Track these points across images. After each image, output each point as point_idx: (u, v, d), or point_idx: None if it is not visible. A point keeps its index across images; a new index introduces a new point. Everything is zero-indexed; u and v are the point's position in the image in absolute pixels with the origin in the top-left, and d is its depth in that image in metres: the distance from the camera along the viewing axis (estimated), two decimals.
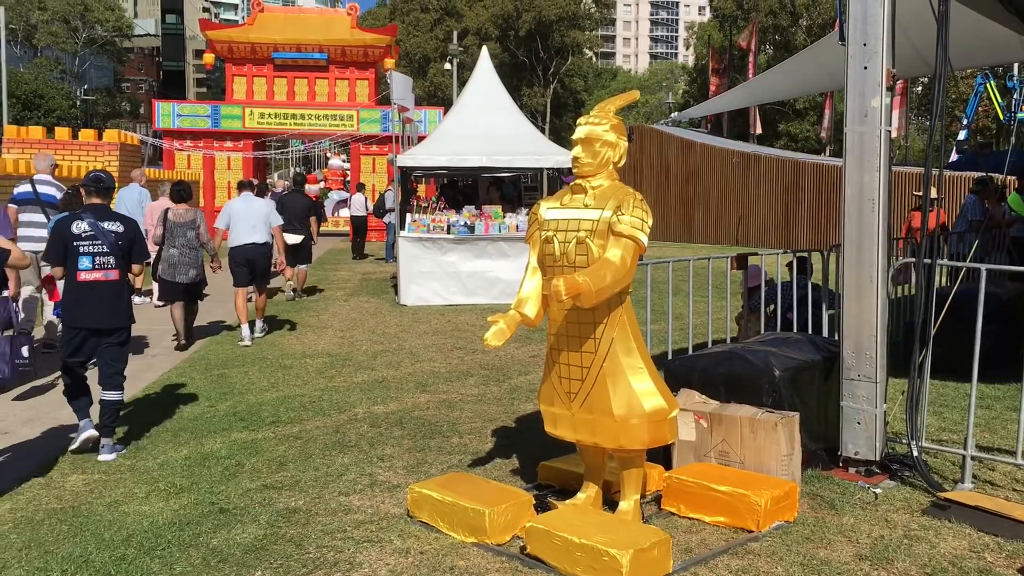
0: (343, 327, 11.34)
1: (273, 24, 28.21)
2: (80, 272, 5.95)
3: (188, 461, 5.80)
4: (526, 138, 14.33)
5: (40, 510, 4.93)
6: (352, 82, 28.29)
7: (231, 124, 27.48)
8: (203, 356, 9.38)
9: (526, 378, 8.36)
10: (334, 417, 6.95)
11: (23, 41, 60.03)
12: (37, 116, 47.24)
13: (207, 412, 7.07)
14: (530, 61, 64.89)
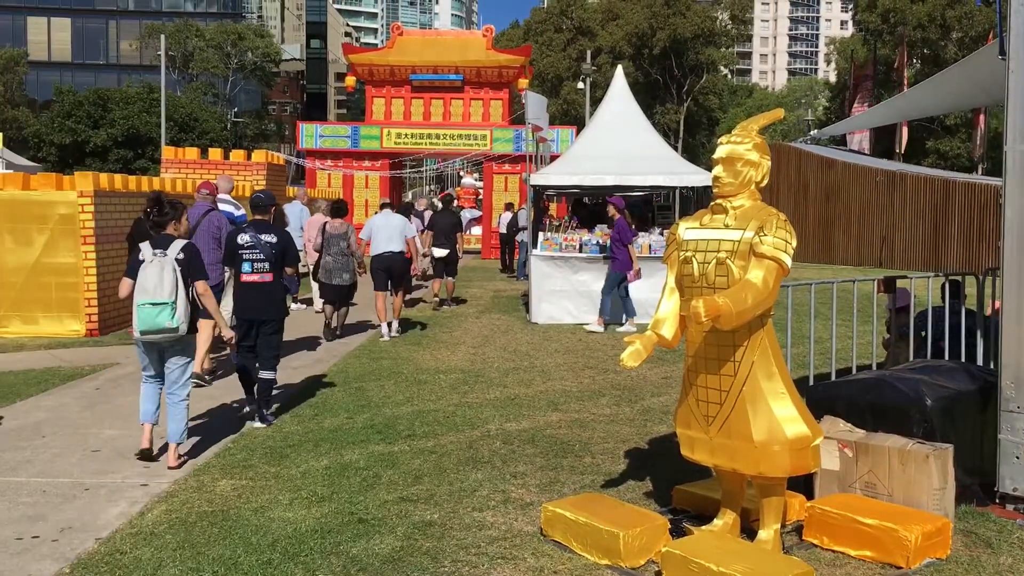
0: (475, 344, 11.48)
1: (411, 47, 29.00)
2: (243, 275, 7.23)
3: (328, 471, 5.98)
4: (659, 157, 14.21)
5: (192, 512, 5.17)
6: (486, 102, 28.74)
7: (370, 144, 28.35)
8: (342, 369, 9.67)
9: (659, 399, 8.26)
10: (467, 433, 7.03)
11: (181, 67, 63.71)
12: (192, 138, 49.97)
13: (346, 424, 7.28)
14: (663, 79, 64.39)
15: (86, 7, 71.66)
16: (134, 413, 7.48)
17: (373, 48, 48.88)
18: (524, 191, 22.99)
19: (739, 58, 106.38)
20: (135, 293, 5.94)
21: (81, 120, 50.59)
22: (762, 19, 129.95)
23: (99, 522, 5.02)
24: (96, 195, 11.64)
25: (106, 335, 11.57)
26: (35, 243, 11.54)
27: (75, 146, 50.44)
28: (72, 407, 7.75)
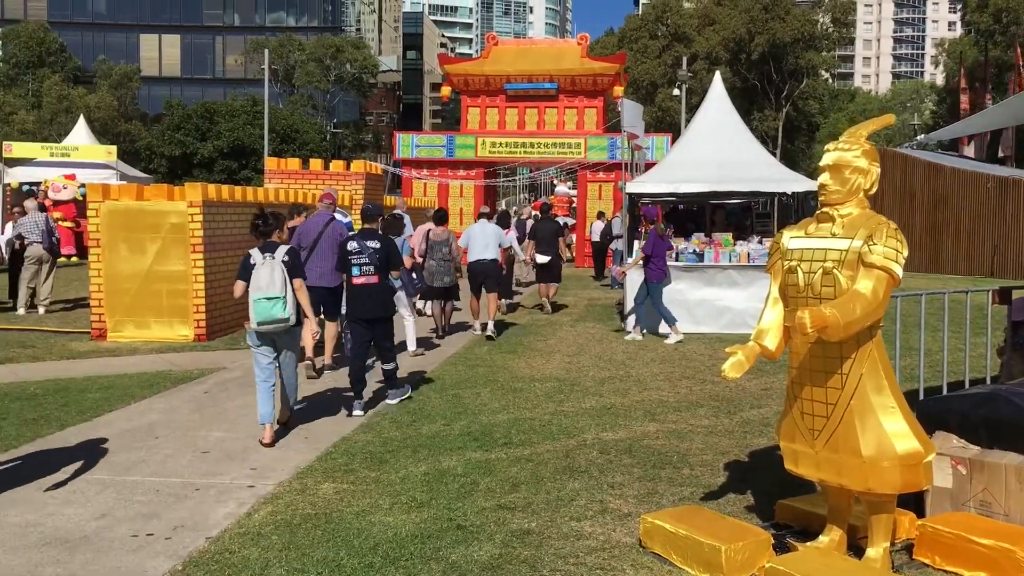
0: (570, 352, 11.46)
1: (506, 57, 29.20)
2: (353, 278, 8.04)
3: (427, 477, 6.05)
4: (758, 163, 13.96)
5: (297, 514, 5.30)
6: (580, 110, 28.72)
7: (465, 153, 28.65)
8: (439, 377, 9.77)
9: (759, 411, 8.10)
10: (563, 442, 7.03)
11: (283, 80, 65.57)
12: (293, 149, 51.38)
13: (443, 430, 7.35)
14: (761, 84, 63.25)
15: (195, 24, 74.52)
16: (241, 416, 7.75)
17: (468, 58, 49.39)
18: (619, 199, 22.89)
19: (840, 61, 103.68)
20: (250, 291, 6.91)
21: (189, 132, 52.59)
22: (865, 21, 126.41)
23: (209, 522, 5.19)
24: (204, 205, 12.05)
25: (213, 340, 11.95)
26: (148, 251, 12.00)
27: (183, 157, 52.44)
28: (182, 410, 8.04)
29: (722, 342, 12.04)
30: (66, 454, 6.51)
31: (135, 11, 73.70)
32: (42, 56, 61.03)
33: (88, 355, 10.84)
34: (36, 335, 12.24)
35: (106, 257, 12.02)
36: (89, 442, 6.85)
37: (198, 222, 11.96)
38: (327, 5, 77.27)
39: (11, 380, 9.16)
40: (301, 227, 9.99)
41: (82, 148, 30.01)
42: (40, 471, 6.09)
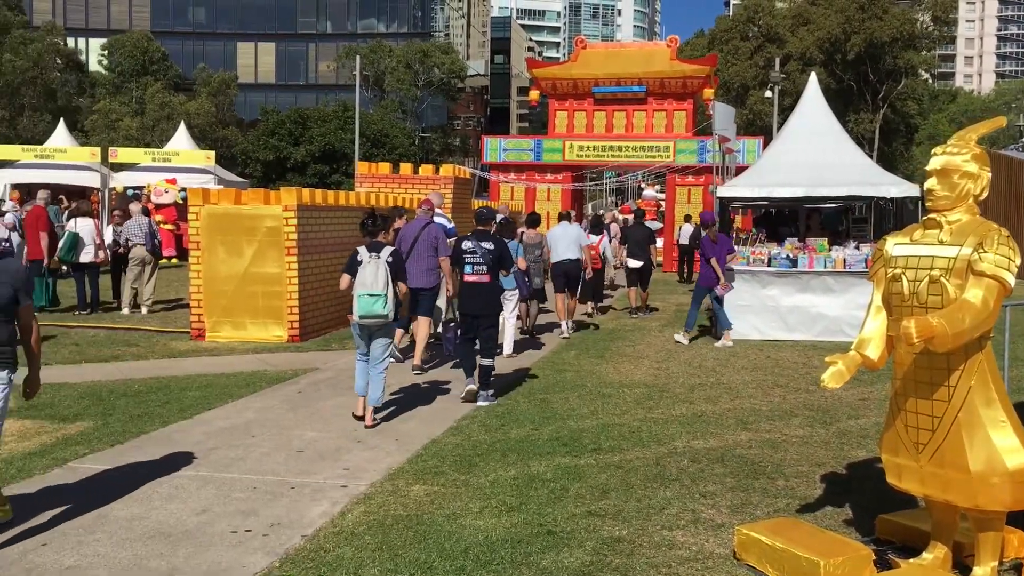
0: (659, 358, 11.34)
1: (595, 59, 29.11)
2: (465, 275, 8.62)
3: (516, 481, 6.06)
4: (854, 166, 13.60)
5: (389, 515, 5.37)
6: (670, 113, 28.44)
7: (552, 157, 28.66)
8: (527, 381, 9.78)
9: (856, 422, 7.87)
10: (654, 449, 6.95)
11: (373, 85, 66.68)
12: (383, 153, 52.16)
13: (532, 435, 7.35)
14: (858, 85, 61.57)
15: (289, 32, 76.39)
16: (333, 417, 7.90)
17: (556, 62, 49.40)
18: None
19: (941, 61, 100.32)
20: (355, 286, 7.45)
21: (283, 138, 53.91)
22: (967, 19, 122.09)
23: (304, 520, 5.29)
24: (299, 209, 12.32)
25: (306, 341, 12.21)
26: (244, 254, 12.34)
27: (277, 162, 53.78)
28: (277, 409, 8.23)
29: (816, 350, 11.77)
30: (169, 450, 6.73)
31: (233, 20, 75.92)
32: (145, 65, 63.32)
33: (188, 354, 11.19)
34: (139, 334, 12.69)
35: (205, 259, 12.39)
36: (190, 439, 7.07)
37: (292, 225, 12.23)
38: (416, 11, 78.30)
39: (117, 377, 9.52)
40: (401, 230, 10.46)
41: (182, 153, 31.01)
42: (145, 466, 6.31)
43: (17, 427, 7.30)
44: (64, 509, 5.39)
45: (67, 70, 60.11)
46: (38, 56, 53.83)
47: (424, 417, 7.99)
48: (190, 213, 12.62)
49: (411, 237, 10.29)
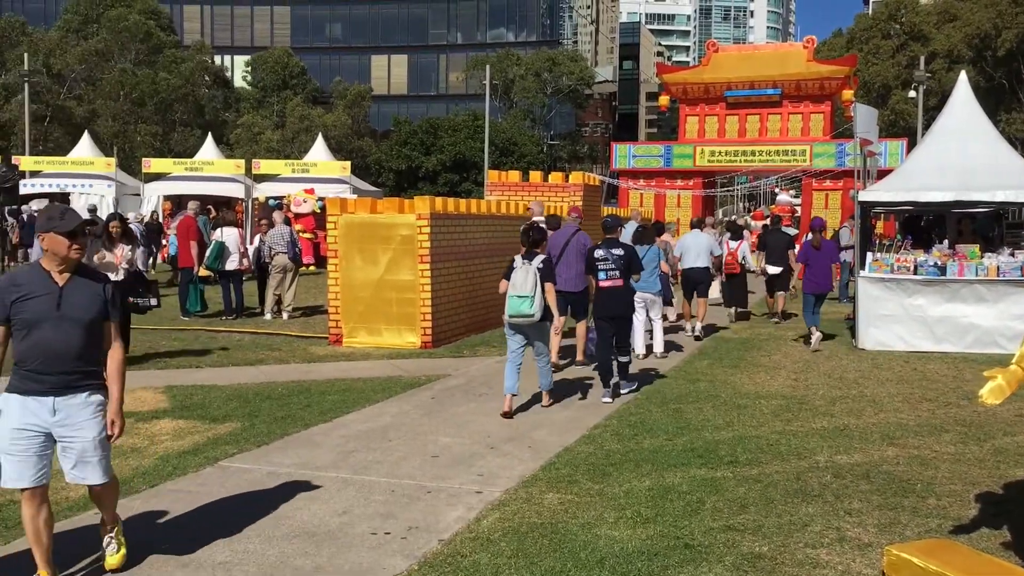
0: (796, 369, 11.00)
1: (727, 63, 28.58)
2: (600, 281, 9.26)
3: (651, 492, 5.98)
4: (1009, 170, 12.83)
5: (524, 523, 5.38)
6: (806, 116, 27.64)
7: (682, 163, 28.29)
8: (658, 390, 9.65)
9: (1013, 439, 7.42)
10: (794, 463, 6.73)
11: (502, 94, 67.47)
12: (511, 161, 52.74)
13: (666, 445, 7.24)
14: (1010, 83, 58.26)
15: (421, 43, 78.20)
16: (466, 423, 7.99)
17: (686, 66, 48.67)
18: (848, 208, 21.79)
19: None
20: (508, 289, 8.35)
21: (415, 147, 55.20)
22: None
23: (440, 524, 5.37)
24: (432, 218, 12.55)
25: (438, 348, 12.41)
26: (380, 262, 12.65)
27: (409, 171, 55.09)
28: (412, 414, 8.39)
29: (967, 362, 11.18)
30: (311, 452, 6.95)
31: (368, 35, 78.31)
32: (286, 79, 65.99)
33: (326, 359, 11.54)
34: (281, 339, 13.18)
35: (343, 267, 12.77)
36: (330, 441, 7.29)
37: (426, 234, 12.46)
38: (545, 19, 78.83)
39: (261, 380, 9.91)
40: (551, 238, 10.91)
41: (320, 164, 32.14)
42: (289, 467, 6.53)
43: (172, 426, 7.69)
44: (216, 506, 5.63)
45: (214, 86, 63.25)
46: (189, 74, 56.90)
47: (556, 425, 7.99)
48: (328, 222, 13.03)
49: (560, 244, 10.88)
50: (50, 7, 69.90)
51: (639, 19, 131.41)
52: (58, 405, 4.31)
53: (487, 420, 8.16)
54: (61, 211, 4.34)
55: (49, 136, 50.91)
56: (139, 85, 53.58)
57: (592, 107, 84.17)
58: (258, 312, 15.91)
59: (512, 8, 78.06)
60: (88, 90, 54.19)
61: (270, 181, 31.78)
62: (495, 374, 10.52)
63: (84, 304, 4.35)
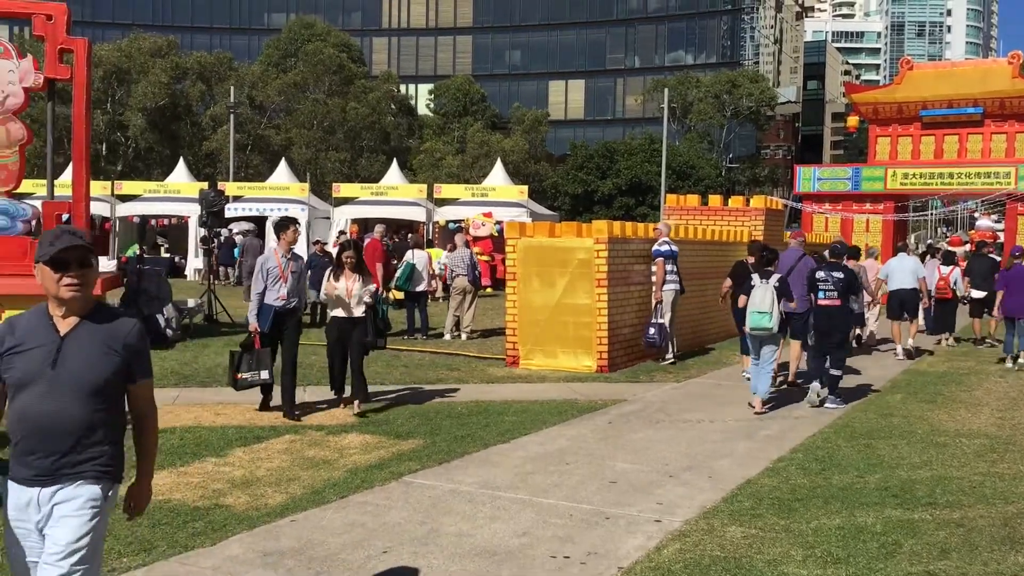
0: (1001, 406, 10.24)
1: (922, 81, 27.15)
2: (819, 300, 10.19)
3: (842, 531, 5.69)
4: None
5: (705, 555, 5.24)
6: (1011, 136, 25.83)
7: (872, 186, 27.02)
8: (847, 424, 9.21)
9: None
10: (1000, 508, 6.25)
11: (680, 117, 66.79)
12: (688, 185, 52.02)
13: (856, 483, 6.89)
14: None
15: (598, 68, 78.70)
16: (644, 449, 7.90)
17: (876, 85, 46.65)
18: None
19: None
20: (748, 305, 9.51)
21: (591, 171, 55.46)
22: None
23: (620, 551, 5.31)
24: (610, 242, 12.53)
25: (614, 372, 12.34)
26: (557, 285, 12.73)
27: (585, 195, 55.38)
28: (589, 438, 8.36)
29: None
30: (490, 471, 7.05)
31: (546, 61, 79.60)
32: (467, 106, 67.95)
33: (503, 380, 11.71)
34: (460, 359, 13.49)
35: (521, 290, 12.94)
36: (509, 462, 7.37)
37: (603, 258, 12.45)
38: (725, 40, 77.58)
39: (441, 400, 10.17)
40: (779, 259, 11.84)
41: (498, 188, 32.81)
42: (469, 485, 6.65)
43: (360, 441, 8.00)
44: (401, 521, 5.80)
45: (399, 114, 65.91)
46: (376, 103, 59.56)
47: (738, 456, 7.77)
48: (507, 245, 13.25)
49: (788, 267, 11.49)
50: (254, 43, 75.04)
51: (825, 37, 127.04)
52: (42, 499, 3.15)
53: (665, 447, 8.03)
54: (55, 234, 3.22)
55: (250, 163, 54.54)
56: (330, 114, 56.55)
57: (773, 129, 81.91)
58: (438, 333, 16.33)
59: (691, 31, 77.33)
60: (285, 120, 57.72)
61: (450, 205, 32.72)
62: (672, 401, 10.38)
63: (90, 361, 3.18)
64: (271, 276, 8.84)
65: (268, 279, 8.83)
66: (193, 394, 10.03)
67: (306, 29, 65.84)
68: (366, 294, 9.10)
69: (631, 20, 78.33)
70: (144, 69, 53.03)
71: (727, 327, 17.26)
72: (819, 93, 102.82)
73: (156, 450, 3.56)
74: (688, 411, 9.73)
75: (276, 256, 8.95)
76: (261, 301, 8.84)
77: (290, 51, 63.19)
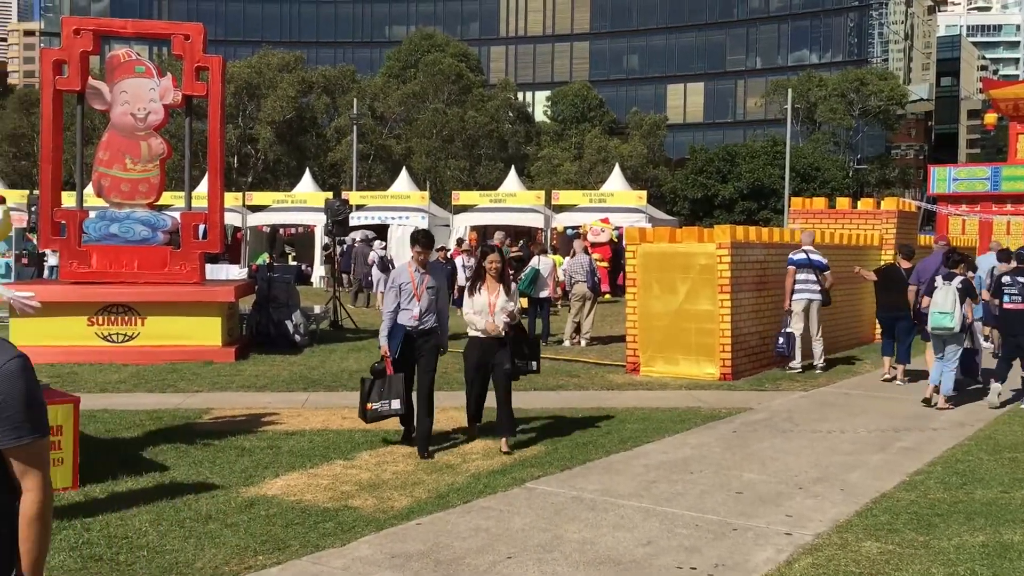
0: None
1: None
2: (1004, 304, 10.41)
3: (986, 549, 5.40)
4: None
5: (840, 571, 5.06)
6: None
7: (1013, 186, 25.65)
8: (990, 436, 8.75)
9: None
10: None
11: (804, 118, 64.92)
12: (813, 187, 50.46)
13: (1001, 498, 6.53)
14: None
15: (718, 70, 77.38)
16: (771, 460, 7.69)
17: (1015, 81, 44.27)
18: None
19: None
20: (931, 305, 10.09)
21: (711, 175, 54.53)
22: None
23: (748, 564, 5.17)
24: (733, 247, 12.27)
25: (737, 380, 12.07)
26: (678, 291, 12.54)
27: (705, 200, 54.48)
28: (713, 447, 8.20)
29: None
30: (612, 479, 6.99)
31: (664, 64, 78.78)
32: (584, 112, 67.89)
33: (624, 387, 11.61)
34: (579, 365, 13.45)
35: (641, 296, 12.81)
36: (631, 470, 7.29)
37: (726, 263, 12.20)
38: (852, 38, 75.04)
39: (561, 405, 10.15)
40: (919, 264, 12.11)
41: (616, 194, 32.61)
42: (592, 492, 6.61)
43: (482, 446, 8.06)
44: (525, 527, 5.81)
45: (517, 121, 66.36)
46: (494, 111, 60.18)
47: (871, 468, 7.47)
48: (627, 251, 13.15)
49: (931, 271, 11.35)
50: (375, 56, 77.04)
51: (959, 31, 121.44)
52: None
53: (793, 458, 7.79)
54: None
55: (372, 172, 55.94)
56: (449, 123, 57.44)
57: (904, 128, 78.75)
58: (557, 340, 16.34)
59: (816, 29, 75.11)
60: (405, 129, 58.96)
61: (568, 211, 32.71)
62: (799, 410, 10.09)
63: None
64: (404, 293, 7.85)
65: (401, 296, 7.86)
66: (320, 398, 10.32)
67: (426, 40, 67.19)
68: (509, 308, 7.87)
69: (752, 20, 76.69)
70: (273, 84, 55.14)
71: (857, 334, 16.68)
72: (953, 90, 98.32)
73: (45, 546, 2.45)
74: (817, 421, 9.43)
75: (409, 270, 7.91)
76: (393, 321, 7.85)
77: (410, 62, 64.55)
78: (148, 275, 13.43)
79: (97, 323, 12.95)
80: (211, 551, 5.23)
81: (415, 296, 7.81)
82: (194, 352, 12.84)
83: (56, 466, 6.28)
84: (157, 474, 6.85)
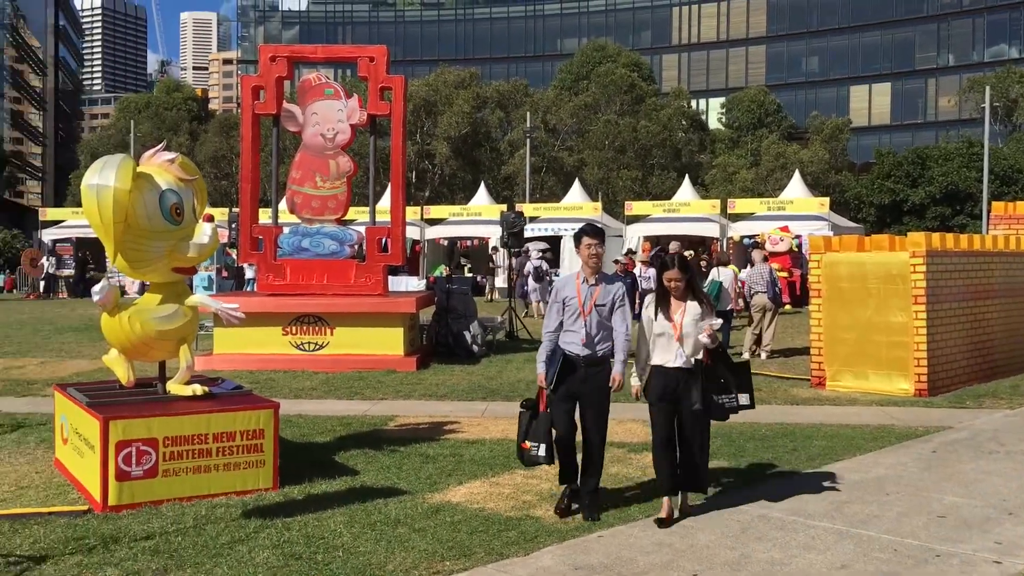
0: None
1: None
2: None
3: None
4: None
5: None
6: None
7: None
8: None
9: None
10: None
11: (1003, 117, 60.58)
12: (1014, 191, 46.90)
13: None
14: None
15: (906, 69, 73.44)
16: (976, 482, 7.20)
17: None
18: None
19: None
20: None
21: (899, 180, 51.70)
22: None
23: None
24: (928, 255, 11.58)
25: (935, 396, 11.35)
26: (867, 302, 11.94)
27: (892, 205, 51.71)
28: (910, 467, 7.73)
29: None
30: (800, 498, 6.71)
31: (846, 65, 75.51)
32: (761, 118, 66.05)
33: (809, 402, 11.16)
34: (760, 379, 13.00)
35: (826, 307, 12.30)
36: (822, 489, 6.97)
37: (921, 273, 11.53)
38: None
39: (742, 420, 9.83)
40: None
41: (796, 201, 31.52)
42: (780, 512, 6.36)
43: None
44: (710, 544, 5.66)
45: (690, 130, 65.32)
46: (667, 120, 59.49)
47: None
48: (811, 261, 12.66)
49: None
50: (548, 69, 77.85)
51: None
52: None
53: (1001, 481, 7.24)
54: None
55: (544, 184, 56.48)
56: (621, 134, 57.22)
57: None
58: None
59: (1015, 21, 69.94)
60: (577, 141, 59.20)
61: (745, 220, 31.88)
62: (1006, 429, 9.38)
63: None
64: (568, 310, 6.29)
65: (564, 314, 6.32)
66: (498, 407, 10.47)
67: (597, 51, 67.30)
68: (706, 330, 6.08)
69: (943, 16, 72.35)
70: (449, 100, 56.71)
71: None
72: None
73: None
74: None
75: (576, 282, 6.30)
76: (554, 343, 6.30)
77: (582, 74, 64.81)
78: (336, 287, 14.09)
79: (291, 333, 13.69)
80: (401, 554, 5.39)
81: (581, 314, 6.23)
82: (378, 361, 13.34)
83: (258, 468, 6.68)
84: (348, 478, 7.14)
